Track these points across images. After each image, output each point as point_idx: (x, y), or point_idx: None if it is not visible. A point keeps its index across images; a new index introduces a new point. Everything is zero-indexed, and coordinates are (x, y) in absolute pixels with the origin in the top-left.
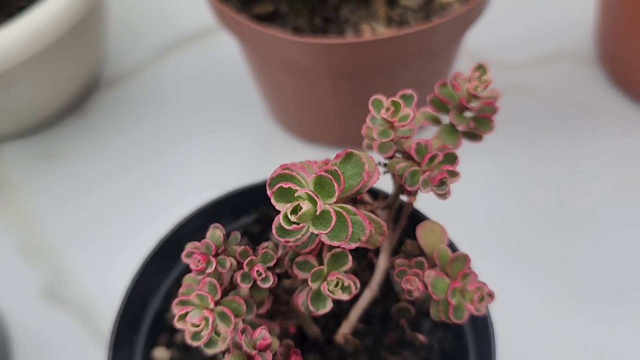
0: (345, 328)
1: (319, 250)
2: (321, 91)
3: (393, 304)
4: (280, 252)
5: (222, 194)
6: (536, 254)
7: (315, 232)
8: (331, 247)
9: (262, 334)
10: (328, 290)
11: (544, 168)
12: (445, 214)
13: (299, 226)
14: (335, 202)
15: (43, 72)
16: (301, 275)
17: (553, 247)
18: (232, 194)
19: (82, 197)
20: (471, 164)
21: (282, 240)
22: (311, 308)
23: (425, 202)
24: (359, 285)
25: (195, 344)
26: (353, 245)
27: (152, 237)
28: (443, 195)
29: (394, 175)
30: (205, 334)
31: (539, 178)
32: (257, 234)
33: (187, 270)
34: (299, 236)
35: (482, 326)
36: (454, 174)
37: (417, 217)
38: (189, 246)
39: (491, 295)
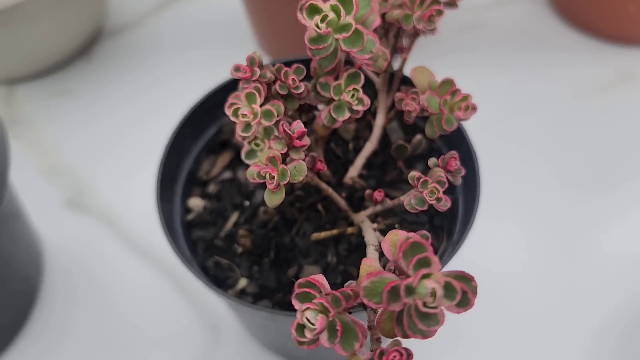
0: (352, 172)
1: (336, 76)
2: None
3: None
4: (303, 88)
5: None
6: (496, 157)
7: (340, 37)
8: (347, 69)
9: (299, 125)
10: (347, 98)
11: (504, 86)
12: None
13: (327, 30)
14: None
15: (53, 14)
16: (324, 93)
17: (511, 149)
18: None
19: (92, 124)
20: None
21: (313, 47)
22: (333, 115)
23: None
24: (369, 101)
25: (244, 135)
26: (366, 56)
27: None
28: (432, 31)
29: (386, 34)
30: (254, 123)
31: (500, 95)
32: None
33: (215, 137)
34: (327, 44)
35: (467, 158)
36: (440, 12)
37: (407, 81)
38: (236, 64)
39: (474, 108)
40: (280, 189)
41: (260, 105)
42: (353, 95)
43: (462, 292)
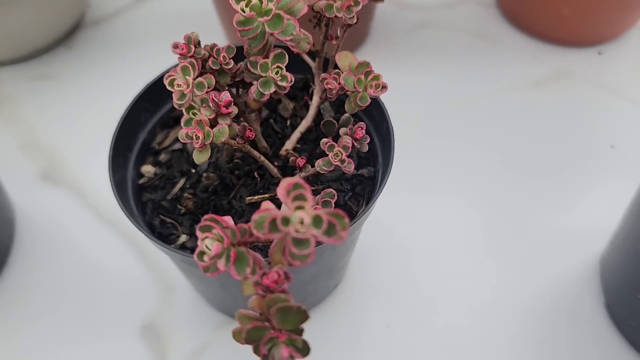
0: (288, 145)
1: (266, 55)
2: None
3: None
4: (238, 66)
5: None
6: (440, 141)
7: (262, 20)
8: (274, 51)
9: (226, 95)
10: (272, 75)
11: (446, 81)
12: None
13: (251, 14)
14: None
15: (36, 2)
16: (253, 70)
17: (454, 137)
18: None
19: (69, 105)
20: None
21: (241, 29)
22: (261, 90)
23: None
24: (293, 80)
25: (179, 103)
26: (287, 38)
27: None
28: (351, 19)
29: (319, 23)
30: (187, 92)
31: (441, 89)
32: None
33: (169, 113)
34: (252, 26)
35: (386, 139)
36: (357, 3)
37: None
38: (174, 42)
39: (385, 86)
40: (206, 148)
41: (195, 78)
42: (277, 72)
43: (329, 224)
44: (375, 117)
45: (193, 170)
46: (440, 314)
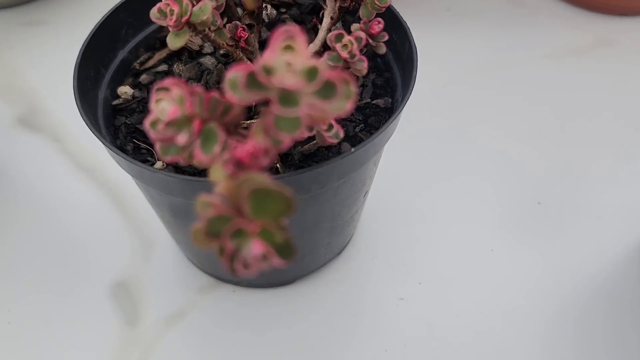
0: None
1: None
2: None
3: None
4: None
5: None
6: (463, 107)
7: None
8: None
9: None
10: None
11: (478, 45)
12: None
13: None
14: None
15: None
16: None
17: (479, 100)
18: None
19: (58, 53)
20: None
21: None
22: None
23: None
24: None
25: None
26: None
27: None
28: None
29: None
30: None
31: (473, 51)
32: None
33: (156, 33)
34: None
35: (408, 64)
36: None
37: None
38: None
39: None
40: (182, 29)
41: None
42: None
43: (327, 80)
44: (396, 41)
45: None
46: (458, 292)
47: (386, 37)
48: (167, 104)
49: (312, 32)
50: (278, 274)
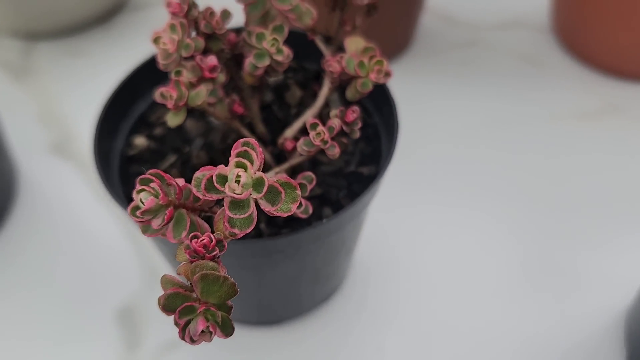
0: (288, 133)
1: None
2: None
3: None
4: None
5: None
6: (475, 167)
7: None
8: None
9: (212, 59)
10: (268, 46)
11: (485, 101)
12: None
13: None
14: None
15: None
16: (249, 42)
17: (492, 163)
18: None
19: (97, 84)
20: (433, 101)
21: None
22: (254, 62)
23: None
24: (291, 55)
25: (164, 63)
26: (286, 7)
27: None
28: (374, 10)
29: (335, 3)
30: (173, 52)
31: (479, 108)
32: None
33: None
34: None
35: (390, 128)
36: None
37: None
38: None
39: (388, 73)
40: (180, 110)
41: (183, 39)
42: (273, 44)
43: (272, 189)
44: (385, 112)
45: (187, 149)
46: (440, 347)
47: (359, 125)
48: (145, 195)
49: (312, 98)
50: (269, 314)
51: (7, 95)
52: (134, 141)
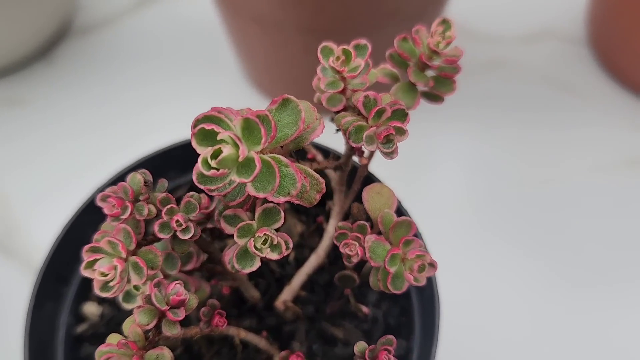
0: (287, 294)
1: (252, 205)
2: (292, 48)
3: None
4: (214, 205)
5: (168, 144)
6: (504, 233)
7: (238, 180)
8: (263, 202)
9: (176, 289)
10: (255, 247)
11: (520, 145)
12: (414, 186)
13: (218, 172)
14: (268, 152)
15: (8, 9)
16: (229, 230)
17: (522, 227)
18: (177, 145)
19: (41, 148)
20: (446, 135)
21: (204, 188)
22: (237, 266)
23: (391, 171)
24: (290, 244)
25: (104, 295)
26: (282, 199)
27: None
28: (389, 154)
29: (344, 133)
30: (114, 284)
31: (514, 156)
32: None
33: None
34: (221, 184)
35: (428, 301)
36: (401, 131)
37: (372, 182)
38: (107, 190)
39: (433, 265)
40: None
41: (132, 251)
42: (265, 241)
43: None
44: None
45: None
46: None
47: None
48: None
49: (316, 235)
50: None
51: None
52: (84, 309)
